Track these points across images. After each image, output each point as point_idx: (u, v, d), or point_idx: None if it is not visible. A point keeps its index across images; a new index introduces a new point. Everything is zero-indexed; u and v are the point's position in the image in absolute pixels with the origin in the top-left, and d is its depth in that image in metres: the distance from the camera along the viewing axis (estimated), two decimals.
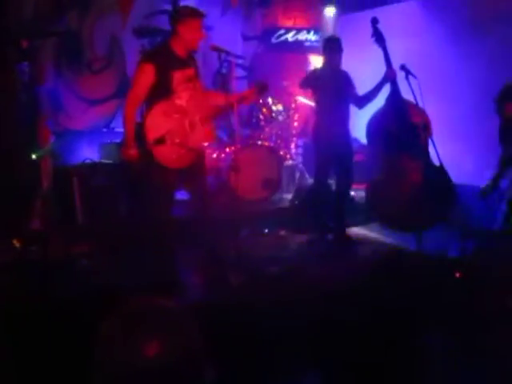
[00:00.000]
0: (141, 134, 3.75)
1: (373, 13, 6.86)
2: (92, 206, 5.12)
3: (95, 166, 5.36)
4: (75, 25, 6.49)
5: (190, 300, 3.77)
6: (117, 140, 6.02)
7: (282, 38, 7.78)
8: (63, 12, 6.25)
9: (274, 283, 4.09)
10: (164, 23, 7.02)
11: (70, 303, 3.52)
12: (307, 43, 7.85)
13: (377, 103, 4.95)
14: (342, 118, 5.06)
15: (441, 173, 4.57)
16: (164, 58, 3.82)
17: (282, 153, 6.64)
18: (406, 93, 4.71)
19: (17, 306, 3.48)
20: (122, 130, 5.62)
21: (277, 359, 3.22)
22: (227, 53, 4.20)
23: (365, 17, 7.05)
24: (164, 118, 3.75)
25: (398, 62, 4.74)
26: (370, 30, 5.20)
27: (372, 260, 4.71)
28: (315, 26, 7.89)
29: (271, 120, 6.51)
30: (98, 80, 6.75)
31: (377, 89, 4.90)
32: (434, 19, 6.22)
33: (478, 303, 3.68)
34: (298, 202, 5.84)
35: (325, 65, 5.18)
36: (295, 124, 7.12)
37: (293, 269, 4.23)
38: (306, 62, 7.85)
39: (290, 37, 7.81)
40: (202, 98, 3.98)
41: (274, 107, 6.53)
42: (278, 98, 6.78)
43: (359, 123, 5.18)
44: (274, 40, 7.74)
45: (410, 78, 4.60)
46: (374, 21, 4.95)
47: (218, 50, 3.99)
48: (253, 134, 6.49)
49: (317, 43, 7.84)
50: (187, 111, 3.86)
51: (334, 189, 5.43)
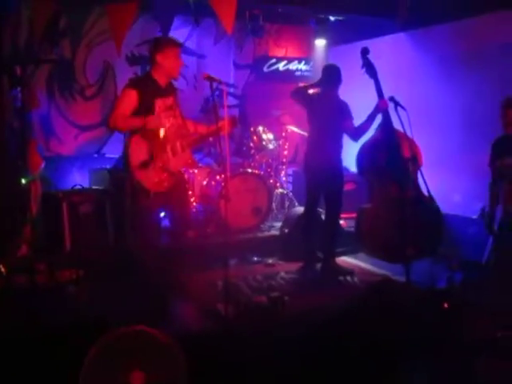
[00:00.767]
0: (125, 158, 3.93)
1: (362, 45, 6.99)
2: (80, 232, 5.11)
3: (85, 192, 5.36)
4: (68, 52, 6.55)
5: (177, 330, 3.75)
6: (107, 166, 6.03)
7: (273, 68, 7.88)
8: (56, 40, 6.31)
9: (262, 312, 4.08)
10: None
11: (56, 330, 3.48)
12: (298, 73, 7.96)
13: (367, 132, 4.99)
14: (333, 146, 5.06)
15: (430, 204, 4.58)
16: (147, 87, 4.00)
17: (271, 181, 6.69)
18: (396, 124, 4.75)
19: (1, 332, 3.44)
20: (113, 156, 5.69)
21: None
22: (219, 82, 4.25)
23: (355, 48, 7.18)
24: (147, 144, 3.93)
25: (386, 94, 4.79)
26: (360, 61, 5.29)
27: (360, 290, 4.71)
28: (306, 57, 8.01)
29: (261, 148, 6.56)
30: (90, 106, 6.79)
31: (369, 120, 4.90)
32: (422, 51, 6.33)
33: (466, 334, 3.69)
34: (287, 231, 5.84)
35: (320, 91, 5.19)
36: (285, 153, 7.19)
37: (281, 298, 4.21)
38: None
39: (281, 66, 7.91)
40: (181, 126, 4.18)
41: (264, 136, 6.58)
42: (269, 126, 6.84)
43: (349, 152, 5.22)
44: (265, 69, 7.83)
45: (399, 109, 4.64)
46: (365, 51, 4.91)
47: (210, 79, 4.03)
48: (243, 162, 6.53)
49: (308, 73, 7.95)
50: (169, 138, 4.05)
51: (323, 217, 5.46)
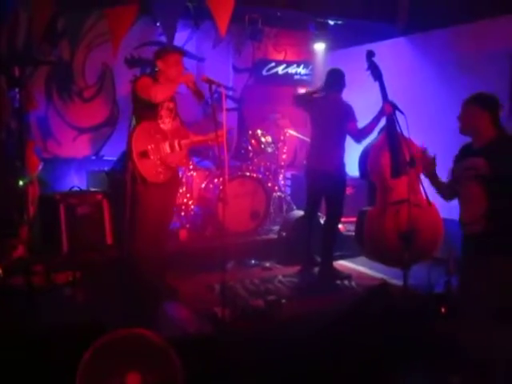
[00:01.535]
0: (128, 146, 4.15)
1: (362, 49, 7.00)
2: (77, 234, 5.10)
3: (82, 194, 5.36)
4: (67, 53, 6.54)
5: (173, 333, 3.74)
6: (105, 168, 6.03)
7: (272, 71, 7.88)
8: (55, 41, 6.31)
9: (259, 316, 4.07)
10: None
11: (52, 332, 3.47)
12: (297, 76, 7.96)
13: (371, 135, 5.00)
14: (336, 151, 5.06)
15: (429, 208, 4.57)
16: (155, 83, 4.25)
17: (269, 184, 6.67)
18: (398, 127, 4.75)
19: None
20: (111, 158, 5.72)
21: None
22: (218, 84, 4.25)
23: (354, 53, 7.20)
24: (148, 136, 4.19)
25: (388, 96, 4.79)
26: (359, 65, 5.29)
27: (358, 294, 4.70)
28: (305, 60, 8.02)
29: (260, 152, 6.56)
30: (88, 108, 6.78)
31: (373, 122, 4.91)
32: (421, 56, 6.34)
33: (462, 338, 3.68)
34: (285, 234, 5.84)
35: (324, 95, 5.19)
36: (284, 156, 7.18)
37: (278, 301, 4.21)
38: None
39: (280, 70, 7.91)
40: (181, 128, 4.48)
41: (262, 139, 6.58)
42: (267, 129, 6.84)
43: (349, 156, 5.22)
44: (264, 72, 7.83)
45: (398, 113, 4.64)
46: (370, 54, 4.89)
47: (209, 81, 4.05)
48: (241, 165, 6.53)
49: (307, 77, 7.96)
50: (168, 135, 4.31)
51: (322, 221, 5.46)
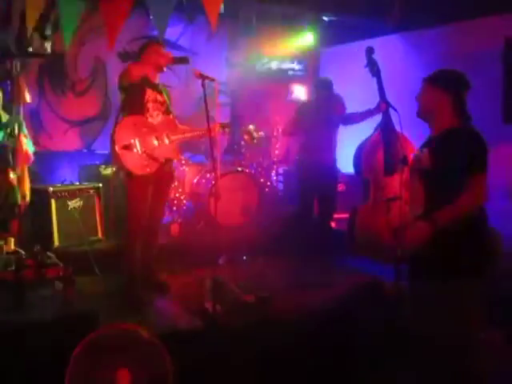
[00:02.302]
0: (111, 138, 4.19)
1: (355, 45, 7.00)
2: (69, 227, 5.07)
3: (74, 187, 5.33)
4: (60, 46, 6.48)
5: (164, 328, 3.72)
6: (97, 162, 5.99)
7: (265, 67, 7.85)
8: (48, 34, 6.24)
9: (250, 311, 4.06)
10: None
11: (42, 327, 3.44)
12: (291, 72, 7.94)
13: (365, 132, 5.00)
14: (328, 146, 5.12)
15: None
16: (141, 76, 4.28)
17: (262, 180, 6.66)
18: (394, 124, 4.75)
19: None
20: (103, 152, 5.71)
21: None
22: (211, 79, 4.23)
23: (347, 49, 7.20)
24: (133, 129, 4.18)
25: (377, 93, 4.78)
26: (351, 62, 5.29)
27: (349, 290, 4.70)
28: (299, 56, 7.99)
29: (252, 147, 6.54)
30: (81, 102, 6.74)
31: (365, 114, 5.00)
32: (414, 53, 6.34)
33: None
34: (277, 230, 5.84)
35: (312, 99, 5.30)
36: (276, 152, 7.17)
37: (269, 297, 4.20)
38: (288, 91, 7.94)
39: (273, 65, 7.88)
40: (171, 122, 4.45)
41: (255, 134, 6.55)
42: (260, 125, 6.82)
43: (343, 153, 5.23)
44: (258, 68, 7.80)
45: (391, 111, 4.64)
46: (370, 50, 4.88)
47: (201, 76, 4.03)
48: (234, 160, 6.51)
49: (300, 72, 7.94)
50: (156, 128, 4.29)
51: (315, 217, 5.46)
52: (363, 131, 4.97)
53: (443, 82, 2.96)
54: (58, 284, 4.42)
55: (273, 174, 7.14)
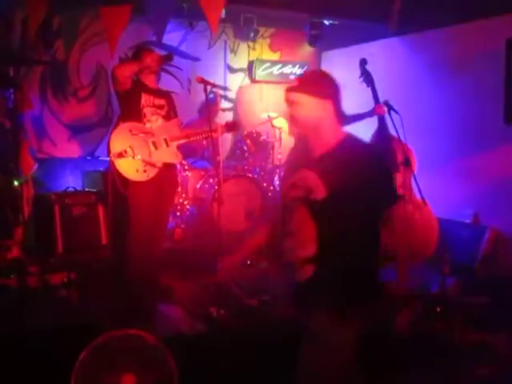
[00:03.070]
0: (107, 146, 4.23)
1: (355, 49, 7.02)
2: (73, 234, 5.09)
3: (77, 194, 5.35)
4: (62, 53, 6.52)
5: (168, 332, 3.73)
6: (100, 168, 6.01)
7: (267, 71, 7.86)
8: (50, 41, 6.28)
9: (253, 315, 4.06)
10: None
11: (47, 333, 3.46)
12: (292, 76, 7.93)
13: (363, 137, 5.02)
14: None
15: (423, 208, 4.58)
16: (136, 84, 4.33)
17: (265, 184, 6.66)
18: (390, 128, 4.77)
19: None
20: (106, 158, 5.72)
21: None
22: (213, 85, 4.25)
23: (348, 53, 7.21)
24: (129, 135, 4.19)
25: (380, 98, 4.82)
26: (353, 65, 5.30)
27: None
28: (301, 60, 8.01)
29: (255, 151, 6.55)
30: (83, 108, 6.76)
31: (358, 117, 5.05)
32: (414, 56, 6.34)
33: (457, 338, 3.69)
34: (279, 234, 5.83)
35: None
36: (279, 156, 7.17)
37: (272, 300, 4.21)
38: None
39: (275, 70, 7.89)
40: (171, 125, 4.44)
41: (258, 139, 6.58)
42: (262, 129, 6.84)
43: None
44: (259, 72, 7.81)
45: (393, 113, 4.66)
46: (363, 62, 5.03)
47: (204, 82, 4.06)
48: (236, 165, 6.52)
49: None
50: (154, 133, 4.29)
51: None
52: (363, 136, 5.00)
53: (320, 88, 2.36)
54: (62, 290, 4.45)
55: (276, 178, 7.13)
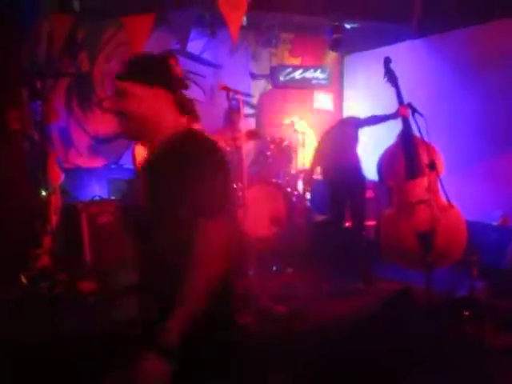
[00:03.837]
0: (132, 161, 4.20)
1: (378, 52, 6.96)
2: (100, 242, 5.12)
3: (103, 202, 5.39)
4: (86, 65, 6.60)
5: None
6: (125, 176, 6.05)
7: (289, 76, 7.85)
8: (75, 53, 6.38)
9: (281, 322, 4.04)
10: None
11: (76, 341, 3.48)
12: (314, 81, 7.91)
13: (390, 140, 4.99)
14: (353, 156, 5.20)
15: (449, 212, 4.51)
16: None
17: (289, 189, 6.64)
18: (414, 130, 4.72)
19: (22, 342, 3.45)
20: (131, 166, 5.74)
21: None
22: (235, 92, 4.26)
23: (371, 56, 7.16)
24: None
25: (404, 100, 4.76)
26: (376, 68, 5.25)
27: (380, 299, 4.63)
28: (322, 64, 7.98)
29: (279, 157, 6.54)
30: (108, 118, 6.82)
31: (382, 118, 5.02)
32: (438, 57, 6.27)
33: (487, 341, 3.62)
34: (305, 240, 5.82)
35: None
36: (302, 160, 7.15)
37: (300, 307, 4.18)
38: (313, 100, 7.93)
39: (297, 75, 7.87)
40: None
41: (281, 144, 6.57)
42: (286, 134, 6.83)
43: (368, 161, 5.21)
44: (281, 78, 7.80)
45: (417, 115, 4.60)
46: (387, 61, 4.95)
47: (226, 89, 4.05)
48: (261, 170, 6.51)
49: (324, 81, 7.91)
50: None
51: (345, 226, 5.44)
52: (388, 140, 4.97)
53: (154, 75, 1.91)
54: (91, 298, 4.48)
55: (300, 183, 7.11)
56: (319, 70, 7.90)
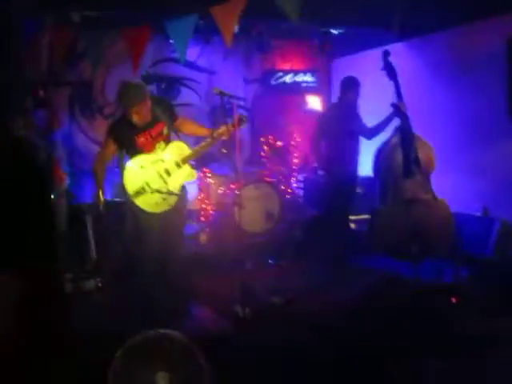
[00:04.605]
0: (122, 187, 3.98)
1: (363, 55, 7.02)
2: (104, 242, 5.15)
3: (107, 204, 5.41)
4: (88, 73, 6.63)
5: (196, 332, 3.76)
6: None
7: (280, 80, 7.89)
8: (76, 62, 6.40)
9: (278, 313, 4.08)
10: (170, 70, 7.18)
11: (82, 337, 3.51)
12: (304, 84, 7.96)
13: (384, 134, 4.94)
14: (353, 156, 5.23)
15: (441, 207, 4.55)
16: (123, 128, 3.99)
17: (283, 187, 6.69)
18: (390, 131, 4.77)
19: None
20: None
21: None
22: (229, 96, 4.26)
23: (357, 59, 7.21)
24: (141, 171, 3.94)
25: (388, 101, 4.77)
26: (360, 71, 5.31)
27: (370, 287, 4.68)
28: (311, 68, 8.02)
29: (272, 157, 6.60)
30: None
31: (386, 121, 4.88)
32: (420, 60, 6.31)
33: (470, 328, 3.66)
34: (300, 234, 5.87)
35: (338, 103, 5.32)
36: (295, 160, 7.20)
37: (295, 299, 4.22)
38: (303, 103, 7.97)
39: (288, 79, 7.91)
40: (178, 146, 4.09)
41: (274, 145, 6.62)
42: (278, 136, 6.88)
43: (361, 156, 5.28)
44: (273, 82, 7.84)
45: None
46: (386, 53, 4.79)
47: (221, 93, 4.07)
48: (255, 170, 6.56)
49: (313, 84, 7.95)
50: (164, 159, 4.01)
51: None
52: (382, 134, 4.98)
53: None
54: (96, 296, 4.51)
55: (293, 182, 7.17)
56: (309, 74, 7.94)
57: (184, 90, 7.34)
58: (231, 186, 6.19)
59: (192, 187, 5.84)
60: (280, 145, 6.75)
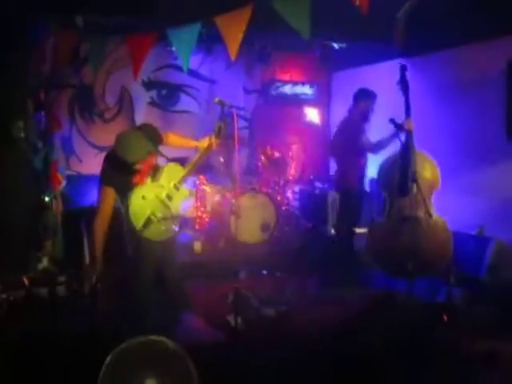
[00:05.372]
0: (129, 223, 3.77)
1: (363, 70, 7.04)
2: None
3: None
4: (89, 77, 6.62)
5: (188, 341, 3.73)
6: None
7: (279, 90, 7.90)
8: (78, 66, 6.40)
9: (270, 325, 4.05)
10: (171, 77, 7.18)
11: (74, 340, 3.48)
12: (303, 96, 7.97)
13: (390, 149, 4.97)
14: (362, 170, 5.30)
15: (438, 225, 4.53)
16: (118, 174, 3.76)
17: (279, 198, 6.68)
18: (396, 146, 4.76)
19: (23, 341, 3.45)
20: None
21: None
22: (230, 106, 4.26)
23: (357, 74, 7.24)
24: (144, 202, 3.78)
25: (386, 117, 4.75)
26: (361, 85, 5.31)
27: (364, 304, 4.65)
28: (310, 80, 8.04)
29: (269, 167, 6.59)
30: (108, 128, 6.84)
31: (391, 137, 4.85)
32: (419, 77, 6.31)
33: (463, 346, 3.64)
34: (295, 246, 5.87)
35: (347, 117, 5.36)
36: (292, 171, 7.19)
37: (288, 311, 4.19)
38: (302, 114, 7.99)
39: (287, 89, 7.93)
40: (171, 169, 3.99)
41: (272, 155, 6.63)
42: (276, 146, 6.89)
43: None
44: (272, 92, 7.86)
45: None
46: (403, 68, 4.70)
47: (221, 103, 4.07)
48: (252, 180, 6.56)
49: (312, 96, 7.97)
50: (163, 185, 3.90)
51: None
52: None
53: None
54: (89, 300, 4.47)
55: (289, 193, 7.16)
56: (307, 86, 7.96)
57: (183, 97, 7.35)
58: (227, 194, 6.18)
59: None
60: (278, 155, 6.74)
